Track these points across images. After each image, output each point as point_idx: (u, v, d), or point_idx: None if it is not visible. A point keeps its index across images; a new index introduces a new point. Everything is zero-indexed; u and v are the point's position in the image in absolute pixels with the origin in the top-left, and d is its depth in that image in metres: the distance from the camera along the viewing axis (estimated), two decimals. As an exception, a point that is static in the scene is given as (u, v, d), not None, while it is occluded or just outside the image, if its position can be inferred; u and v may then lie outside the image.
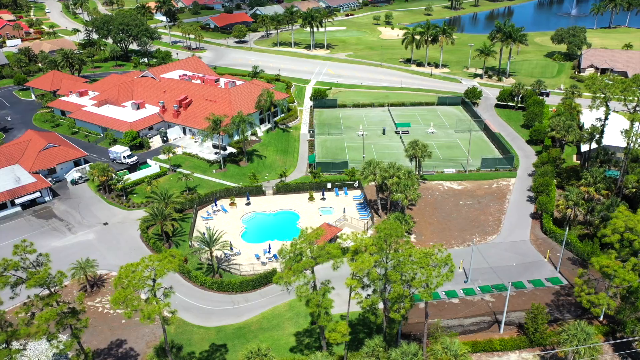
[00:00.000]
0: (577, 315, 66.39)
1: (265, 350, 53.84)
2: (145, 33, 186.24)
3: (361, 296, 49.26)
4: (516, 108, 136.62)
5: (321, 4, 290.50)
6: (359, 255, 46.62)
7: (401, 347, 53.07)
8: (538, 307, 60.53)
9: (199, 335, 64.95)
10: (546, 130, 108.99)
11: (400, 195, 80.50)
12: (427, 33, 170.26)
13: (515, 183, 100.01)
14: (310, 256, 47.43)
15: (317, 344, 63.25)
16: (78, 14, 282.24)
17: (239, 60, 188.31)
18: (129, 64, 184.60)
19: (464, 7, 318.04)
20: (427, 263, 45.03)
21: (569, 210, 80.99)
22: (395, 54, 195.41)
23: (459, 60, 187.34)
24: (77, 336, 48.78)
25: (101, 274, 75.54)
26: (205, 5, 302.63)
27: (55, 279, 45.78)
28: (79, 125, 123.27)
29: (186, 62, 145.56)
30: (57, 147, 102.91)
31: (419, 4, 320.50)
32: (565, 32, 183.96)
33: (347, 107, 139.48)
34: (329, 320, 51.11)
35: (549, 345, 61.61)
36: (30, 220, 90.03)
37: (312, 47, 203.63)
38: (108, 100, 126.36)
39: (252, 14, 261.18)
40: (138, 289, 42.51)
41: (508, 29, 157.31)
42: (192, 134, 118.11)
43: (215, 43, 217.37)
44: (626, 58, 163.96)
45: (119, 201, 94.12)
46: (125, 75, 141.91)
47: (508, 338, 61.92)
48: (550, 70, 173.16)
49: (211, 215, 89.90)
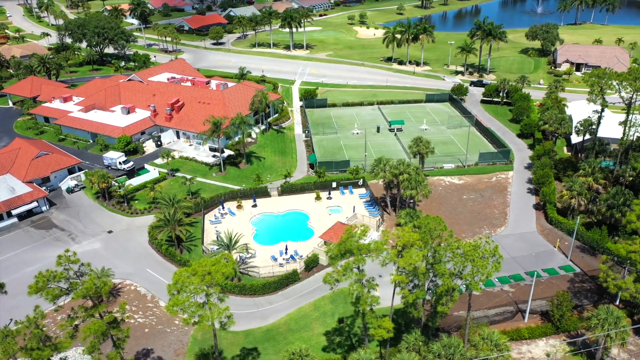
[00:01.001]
0: (595, 301, 68.65)
1: (306, 350, 53.59)
2: (121, 36, 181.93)
3: (407, 291, 49.55)
4: (502, 103, 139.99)
5: (294, 5, 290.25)
6: (406, 251, 46.90)
7: (442, 340, 53.77)
8: (563, 294, 62.33)
9: (227, 340, 63.99)
10: (538, 124, 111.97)
11: (413, 191, 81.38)
12: (408, 32, 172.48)
13: (514, 176, 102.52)
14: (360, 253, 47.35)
15: (347, 342, 63.34)
16: (43, 18, 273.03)
17: (219, 62, 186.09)
18: (106, 67, 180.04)
19: (434, 5, 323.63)
20: (477, 255, 45.75)
21: (573, 200, 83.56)
22: (375, 53, 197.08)
23: (438, 58, 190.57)
24: (121, 347, 47.26)
25: (114, 282, 73.43)
26: (175, 7, 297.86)
27: (100, 289, 44.17)
28: (65, 132, 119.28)
29: (172, 64, 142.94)
30: (50, 155, 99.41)
31: (390, 3, 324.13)
32: (539, 29, 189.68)
33: (337, 107, 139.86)
34: (375, 317, 51.17)
35: (572, 331, 63.52)
36: (29, 231, 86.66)
37: (292, 47, 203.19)
38: (95, 106, 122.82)
39: (226, 15, 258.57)
40: (197, 294, 41.52)
41: (488, 27, 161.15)
42: (186, 138, 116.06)
43: (192, 45, 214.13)
44: (598, 53, 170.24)
45: (121, 208, 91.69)
46: (110, 80, 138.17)
47: (534, 326, 63.50)
48: (527, 66, 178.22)
49: (219, 218, 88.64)
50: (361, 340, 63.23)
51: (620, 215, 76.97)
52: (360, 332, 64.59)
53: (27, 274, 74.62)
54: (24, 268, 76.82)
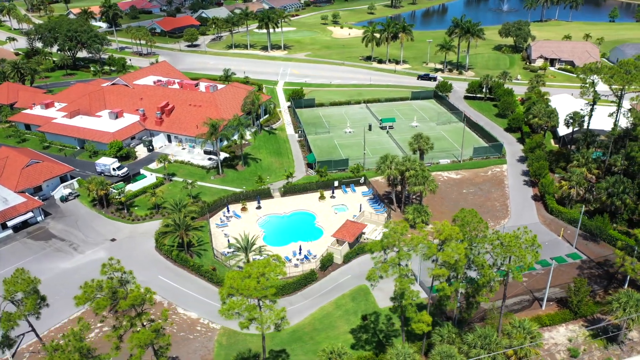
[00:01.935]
0: (605, 286, 71.20)
1: (342, 349, 53.65)
2: (95, 40, 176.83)
3: (445, 284, 50.21)
4: (485, 99, 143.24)
5: (264, 5, 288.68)
6: (446, 244, 47.56)
7: (476, 331, 54.72)
8: (580, 280, 64.39)
9: (253, 343, 63.24)
10: (528, 117, 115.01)
11: (421, 187, 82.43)
12: (388, 30, 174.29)
13: (508, 169, 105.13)
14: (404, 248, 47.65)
15: (375, 339, 63.58)
16: (4, 22, 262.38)
17: (197, 65, 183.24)
18: (80, 72, 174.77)
19: (403, 5, 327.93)
20: (519, 245, 46.82)
21: (572, 190, 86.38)
22: (353, 52, 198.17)
23: (416, 56, 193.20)
24: (164, 355, 46.00)
25: (127, 291, 71.41)
26: (142, 10, 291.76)
27: (146, 297, 42.92)
28: (50, 139, 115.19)
29: (157, 67, 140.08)
30: (41, 163, 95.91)
31: (360, 3, 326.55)
32: (512, 26, 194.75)
33: (325, 106, 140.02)
34: (415, 311, 51.61)
35: (589, 316, 65.68)
36: (27, 243, 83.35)
37: (270, 48, 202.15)
38: (80, 111, 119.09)
39: (198, 17, 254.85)
40: (254, 296, 40.86)
41: (466, 25, 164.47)
42: (178, 141, 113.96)
43: (166, 48, 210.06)
44: (570, 48, 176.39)
45: (121, 215, 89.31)
46: (91, 84, 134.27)
47: (553, 313, 65.34)
48: (503, 62, 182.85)
49: (225, 222, 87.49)
50: (388, 336, 63.65)
51: (621, 202, 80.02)
52: (386, 328, 65.01)
53: None
54: (29, 281, 73.74)
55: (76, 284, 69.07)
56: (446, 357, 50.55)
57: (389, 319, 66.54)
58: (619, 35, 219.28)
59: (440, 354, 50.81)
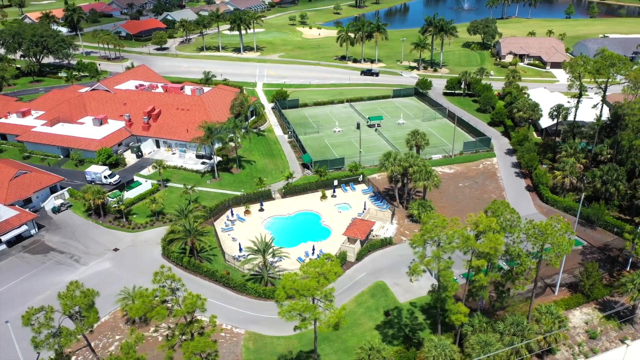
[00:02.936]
0: (609, 270, 74.42)
1: (380, 344, 54.13)
2: (62, 44, 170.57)
3: (482, 275, 51.34)
4: (464, 95, 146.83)
5: (229, 7, 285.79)
6: (485, 235, 48.71)
7: (507, 319, 56.22)
8: (592, 264, 67.14)
9: (282, 346, 62.81)
10: (513, 112, 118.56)
11: (426, 182, 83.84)
12: (363, 30, 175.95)
13: (498, 162, 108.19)
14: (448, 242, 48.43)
15: (401, 334, 64.22)
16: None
17: (170, 68, 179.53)
18: (47, 79, 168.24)
19: (367, 5, 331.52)
20: (555, 232, 48.46)
21: (566, 180, 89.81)
22: (327, 52, 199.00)
23: (389, 55, 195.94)
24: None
25: (141, 301, 69.39)
26: (103, 13, 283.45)
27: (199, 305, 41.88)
28: (30, 149, 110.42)
29: (136, 71, 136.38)
30: (29, 174, 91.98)
31: (324, 3, 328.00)
32: (479, 24, 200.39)
33: (308, 106, 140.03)
34: (453, 303, 52.52)
35: (600, 298, 68.51)
36: (24, 257, 79.67)
37: (242, 50, 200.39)
38: (60, 119, 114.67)
39: (163, 20, 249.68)
40: (315, 296, 40.58)
41: (440, 23, 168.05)
42: (167, 146, 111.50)
43: (135, 52, 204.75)
44: (537, 44, 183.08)
45: (119, 224, 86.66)
46: (68, 91, 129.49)
47: (567, 298, 67.79)
48: (474, 59, 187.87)
49: (230, 226, 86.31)
50: (413, 330, 64.45)
51: (614, 189, 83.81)
52: (410, 322, 65.80)
53: (38, 303, 67.92)
54: (34, 297, 70.78)
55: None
56: (485, 345, 51.74)
57: (411, 312, 67.39)
58: (577, 31, 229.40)
59: (479, 343, 51.96)
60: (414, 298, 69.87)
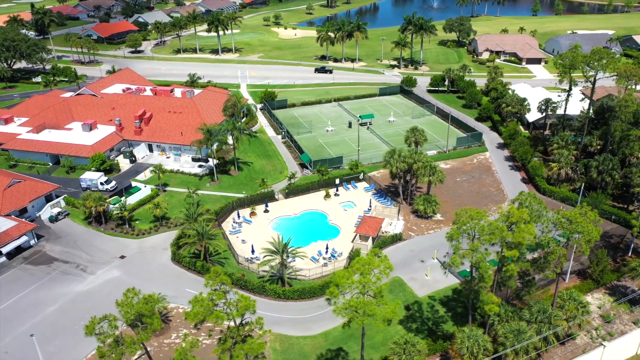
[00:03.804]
0: (611, 256, 77.27)
1: (413, 338, 54.78)
2: (35, 49, 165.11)
3: (512, 265, 52.59)
4: (448, 91, 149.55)
5: (200, 9, 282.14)
6: (517, 226, 49.98)
7: (532, 307, 57.77)
8: (601, 251, 69.65)
9: (308, 346, 62.71)
10: (501, 107, 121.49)
11: (432, 177, 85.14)
12: (343, 29, 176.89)
13: (491, 156, 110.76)
14: (484, 233, 49.41)
15: (425, 327, 65.08)
16: None
17: (148, 71, 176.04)
18: (21, 84, 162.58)
19: (338, 5, 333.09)
20: (585, 221, 50.13)
21: (562, 171, 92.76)
22: (306, 52, 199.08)
23: (368, 54, 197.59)
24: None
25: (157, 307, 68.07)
26: (69, 16, 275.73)
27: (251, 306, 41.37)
28: (17, 157, 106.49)
29: (121, 75, 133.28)
30: (23, 183, 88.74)
31: (296, 3, 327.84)
32: (454, 22, 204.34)
33: (297, 106, 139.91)
34: (485, 293, 53.58)
35: (608, 283, 71.12)
36: (27, 269, 76.87)
37: (220, 51, 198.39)
38: (46, 125, 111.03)
39: (135, 22, 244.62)
40: (371, 292, 40.68)
41: (420, 21, 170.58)
42: (160, 150, 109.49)
43: (109, 55, 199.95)
44: (512, 41, 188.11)
45: (123, 231, 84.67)
46: (50, 97, 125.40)
47: (579, 284, 70.10)
48: (452, 57, 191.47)
49: (238, 228, 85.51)
50: (436, 323, 65.43)
51: (610, 178, 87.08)
52: (432, 315, 66.76)
53: (51, 315, 67.36)
54: (44, 309, 68.61)
55: (99, 305, 66.19)
56: (518, 333, 53.04)
57: (431, 306, 68.38)
58: (546, 28, 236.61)
59: (511, 332, 53.22)
60: (431, 292, 70.93)
